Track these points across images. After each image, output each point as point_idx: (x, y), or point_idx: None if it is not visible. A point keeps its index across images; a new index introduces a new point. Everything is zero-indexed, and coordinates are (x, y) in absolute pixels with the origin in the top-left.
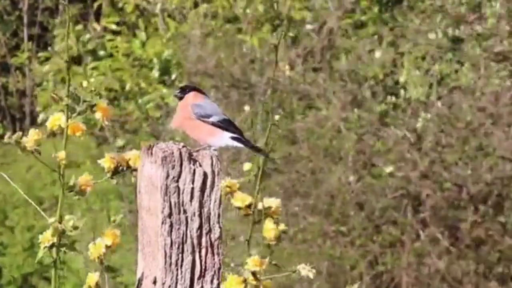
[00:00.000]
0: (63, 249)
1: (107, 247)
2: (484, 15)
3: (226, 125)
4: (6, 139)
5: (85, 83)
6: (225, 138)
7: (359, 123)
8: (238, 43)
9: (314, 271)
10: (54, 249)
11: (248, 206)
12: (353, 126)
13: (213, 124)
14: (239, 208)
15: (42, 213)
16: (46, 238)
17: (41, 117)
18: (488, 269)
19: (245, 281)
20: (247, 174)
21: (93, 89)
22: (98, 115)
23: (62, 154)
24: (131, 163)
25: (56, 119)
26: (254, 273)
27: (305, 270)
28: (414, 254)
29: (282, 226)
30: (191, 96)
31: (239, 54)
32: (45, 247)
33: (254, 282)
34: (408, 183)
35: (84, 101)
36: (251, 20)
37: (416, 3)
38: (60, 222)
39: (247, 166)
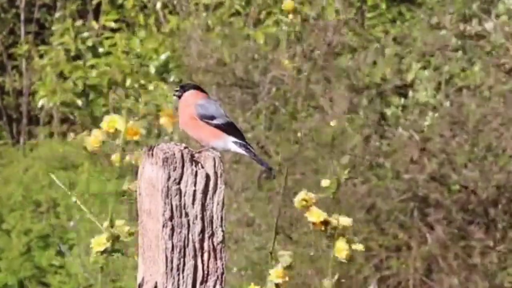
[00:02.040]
0: (115, 254)
1: None
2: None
3: (229, 129)
4: (70, 139)
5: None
6: (228, 142)
7: (365, 121)
8: (242, 38)
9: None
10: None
11: (322, 223)
12: (358, 126)
13: (216, 126)
14: (313, 224)
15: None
16: (100, 242)
17: (40, 103)
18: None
19: None
20: (326, 191)
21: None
22: (162, 120)
23: (116, 157)
24: None
25: (112, 121)
26: (277, 285)
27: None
28: (421, 258)
29: (359, 246)
30: (192, 95)
31: (242, 51)
32: (98, 252)
33: None
34: (415, 186)
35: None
36: (253, 13)
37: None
38: (111, 227)
39: (325, 182)
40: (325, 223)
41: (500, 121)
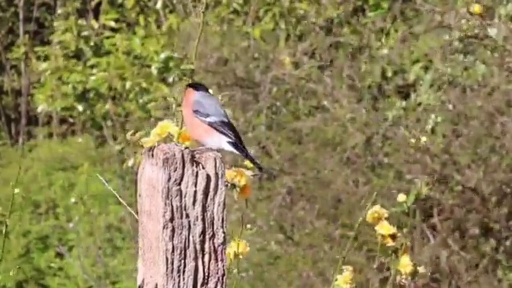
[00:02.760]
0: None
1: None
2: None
3: (223, 128)
4: (128, 137)
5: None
6: (221, 142)
7: (367, 121)
8: (241, 36)
9: None
10: None
11: (391, 237)
12: (360, 125)
13: (209, 124)
14: (382, 236)
15: None
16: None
17: (40, 108)
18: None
19: None
20: (401, 206)
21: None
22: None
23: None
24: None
25: (166, 126)
26: None
27: None
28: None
29: (421, 269)
30: (191, 92)
31: (243, 50)
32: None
33: None
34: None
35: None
36: (252, 11)
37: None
38: None
39: (402, 197)
40: (393, 237)
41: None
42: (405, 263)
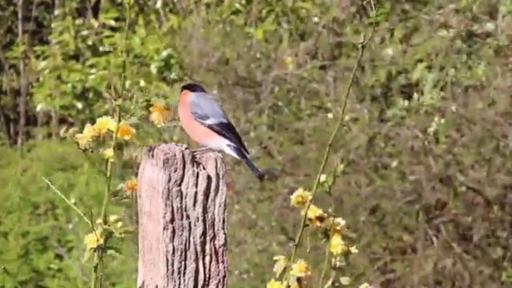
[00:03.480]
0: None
1: None
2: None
3: (223, 130)
4: (62, 134)
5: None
6: (222, 144)
7: (370, 122)
8: (243, 36)
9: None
10: (98, 252)
11: (318, 219)
12: (363, 126)
13: (209, 127)
14: (310, 220)
15: None
16: (93, 239)
17: (39, 107)
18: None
19: (288, 287)
20: (323, 186)
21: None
22: (154, 115)
23: (109, 152)
24: None
25: (104, 122)
26: (299, 279)
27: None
28: (426, 261)
29: (353, 249)
30: (188, 94)
31: (244, 49)
32: (91, 248)
33: None
34: (421, 187)
35: (146, 100)
36: (254, 12)
37: None
38: (105, 224)
39: (323, 177)
40: (321, 219)
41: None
42: (336, 243)
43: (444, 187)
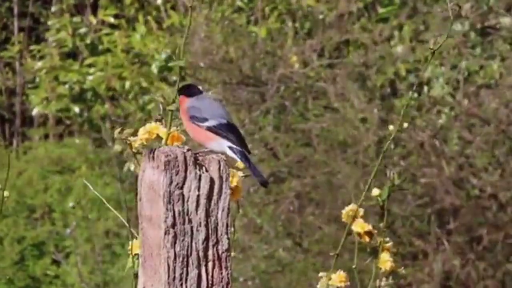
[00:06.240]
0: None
1: None
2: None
3: (223, 131)
4: (115, 135)
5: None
6: (223, 146)
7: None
8: (247, 34)
9: None
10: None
11: (367, 234)
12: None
13: (208, 129)
14: (358, 235)
15: None
16: (137, 245)
17: (35, 111)
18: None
19: None
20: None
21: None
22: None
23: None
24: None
25: (154, 127)
26: None
27: None
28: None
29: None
30: (183, 99)
31: (248, 47)
32: (136, 254)
33: None
34: (432, 190)
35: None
36: (258, 9)
37: None
38: None
39: (376, 192)
40: (370, 234)
41: None
42: (384, 259)
43: (458, 190)
